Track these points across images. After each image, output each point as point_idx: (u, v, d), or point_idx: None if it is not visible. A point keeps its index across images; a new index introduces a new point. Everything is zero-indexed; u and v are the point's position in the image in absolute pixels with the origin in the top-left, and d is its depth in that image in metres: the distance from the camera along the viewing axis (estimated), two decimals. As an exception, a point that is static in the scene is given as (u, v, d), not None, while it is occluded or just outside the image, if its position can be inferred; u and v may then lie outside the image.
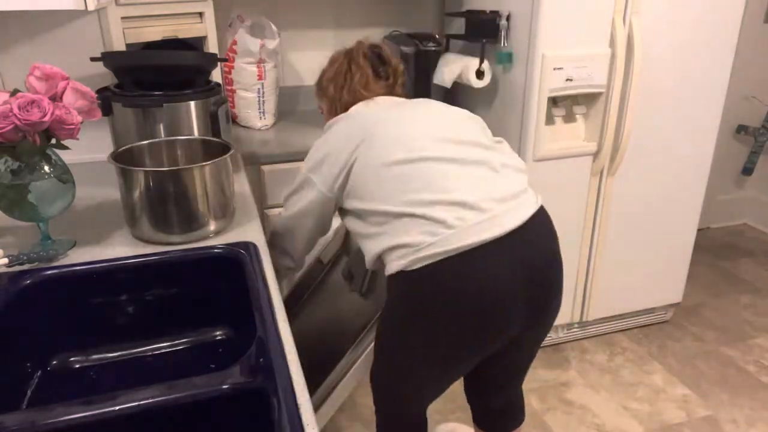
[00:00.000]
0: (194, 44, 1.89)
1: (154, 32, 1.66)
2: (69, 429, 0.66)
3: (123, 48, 1.54)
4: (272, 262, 1.07)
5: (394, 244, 1.07)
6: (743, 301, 2.51)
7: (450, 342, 1.10)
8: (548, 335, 2.13)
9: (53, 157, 1.01)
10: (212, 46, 1.85)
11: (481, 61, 1.83)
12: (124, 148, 1.16)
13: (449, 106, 1.27)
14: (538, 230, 1.11)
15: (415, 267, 1.04)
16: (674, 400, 1.93)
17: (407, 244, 1.05)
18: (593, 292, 2.11)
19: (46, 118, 0.92)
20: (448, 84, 1.96)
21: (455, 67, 1.91)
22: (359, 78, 1.31)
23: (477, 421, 1.45)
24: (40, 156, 0.99)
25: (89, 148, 1.58)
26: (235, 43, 1.87)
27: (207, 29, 1.81)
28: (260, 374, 0.73)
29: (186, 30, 1.76)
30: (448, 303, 1.05)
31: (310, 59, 2.19)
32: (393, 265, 1.08)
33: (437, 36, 2.01)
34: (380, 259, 1.13)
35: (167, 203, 1.06)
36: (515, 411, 1.40)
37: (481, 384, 1.36)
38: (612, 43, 1.75)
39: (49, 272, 0.98)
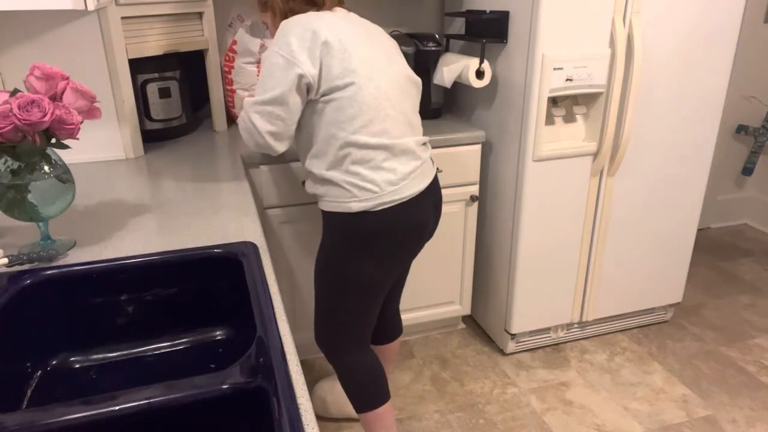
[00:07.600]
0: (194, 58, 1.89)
1: (157, 46, 1.67)
2: (69, 429, 0.66)
3: (124, 53, 1.54)
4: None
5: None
6: (743, 301, 2.51)
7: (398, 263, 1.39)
8: (548, 335, 2.15)
9: (53, 157, 1.01)
10: (213, 56, 1.86)
11: (481, 61, 1.83)
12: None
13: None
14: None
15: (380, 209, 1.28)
16: (674, 400, 1.93)
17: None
18: (593, 292, 2.11)
19: (46, 118, 0.92)
20: (448, 84, 1.95)
21: (455, 67, 1.91)
22: None
23: (374, 339, 1.70)
24: (40, 156, 0.99)
25: (91, 148, 1.58)
26: (235, 43, 1.87)
27: (208, 40, 1.83)
28: (260, 374, 0.73)
29: (188, 43, 1.78)
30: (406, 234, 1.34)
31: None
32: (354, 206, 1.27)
33: (437, 36, 2.01)
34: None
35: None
36: (400, 320, 1.74)
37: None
38: (612, 43, 1.75)
39: (49, 272, 0.98)
